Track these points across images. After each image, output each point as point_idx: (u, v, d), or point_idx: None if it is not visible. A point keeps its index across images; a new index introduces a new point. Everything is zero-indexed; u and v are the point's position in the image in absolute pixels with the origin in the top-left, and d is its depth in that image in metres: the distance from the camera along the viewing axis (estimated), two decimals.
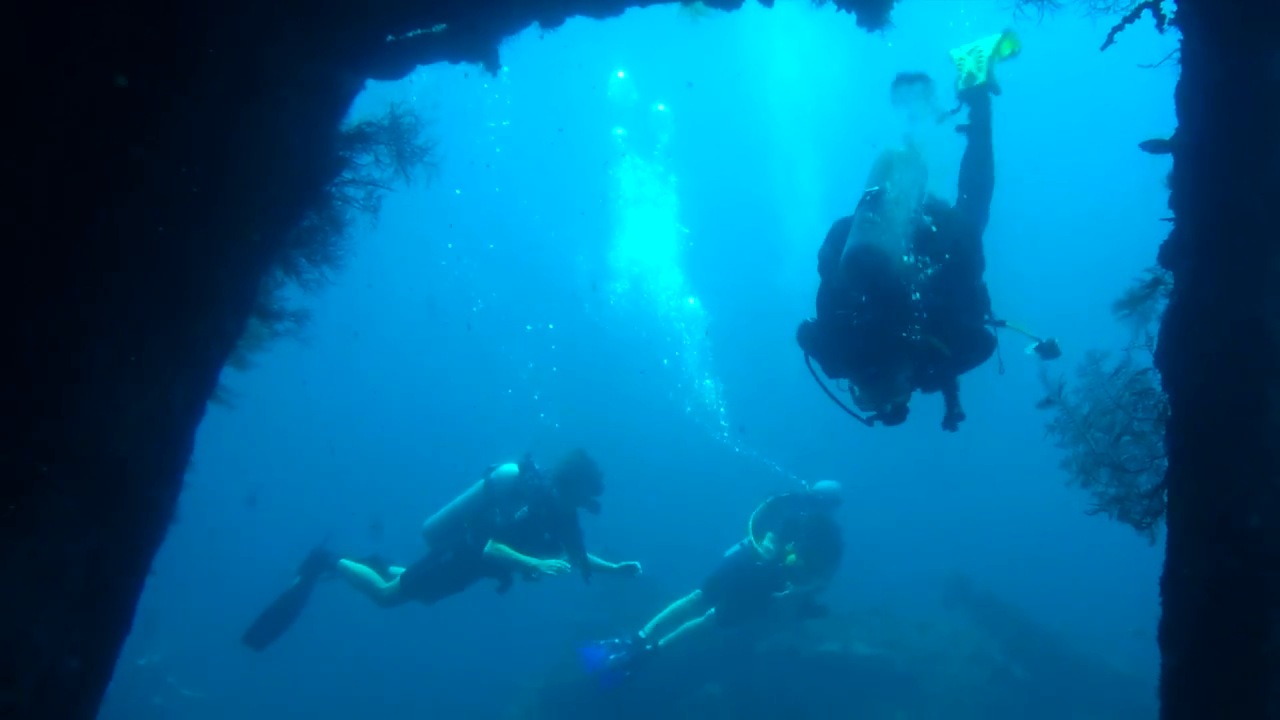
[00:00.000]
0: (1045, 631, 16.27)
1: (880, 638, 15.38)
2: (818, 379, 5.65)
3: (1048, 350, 5.67)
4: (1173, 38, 3.56)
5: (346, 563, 11.78)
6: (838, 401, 5.75)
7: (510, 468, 11.27)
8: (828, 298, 5.64)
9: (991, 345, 5.84)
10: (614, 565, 11.57)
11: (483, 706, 15.77)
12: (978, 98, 6.73)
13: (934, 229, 5.82)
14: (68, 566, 3.07)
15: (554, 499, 11.00)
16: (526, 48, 4.55)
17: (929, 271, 5.58)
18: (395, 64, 4.50)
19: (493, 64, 4.47)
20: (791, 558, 12.59)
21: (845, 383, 5.82)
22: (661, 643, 12.85)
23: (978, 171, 6.55)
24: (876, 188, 5.73)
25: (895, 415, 5.63)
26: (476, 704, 16.11)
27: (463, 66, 4.32)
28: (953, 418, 5.99)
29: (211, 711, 18.22)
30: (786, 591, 12.56)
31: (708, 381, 24.89)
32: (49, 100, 3.14)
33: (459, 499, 11.47)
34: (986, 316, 5.97)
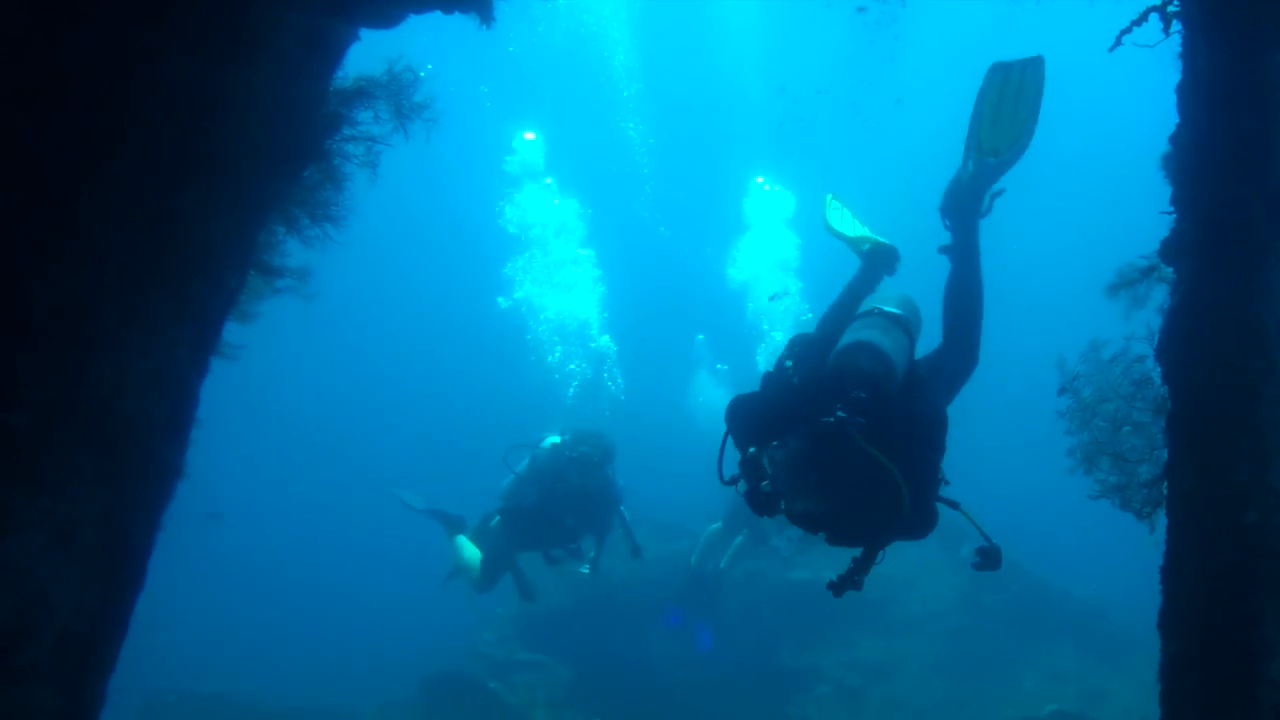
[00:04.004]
0: (1012, 561, 16.51)
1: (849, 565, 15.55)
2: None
3: (990, 557, 5.10)
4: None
5: (462, 539, 11.95)
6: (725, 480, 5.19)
7: (553, 439, 11.19)
8: (801, 402, 4.94)
9: (933, 523, 5.21)
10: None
11: (459, 633, 15.98)
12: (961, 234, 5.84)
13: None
14: (81, 525, 3.12)
15: (571, 478, 10.82)
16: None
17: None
18: (386, 11, 4.46)
19: (487, 15, 4.44)
20: None
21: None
22: (722, 564, 13.99)
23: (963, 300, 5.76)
24: (895, 310, 5.19)
25: (764, 504, 4.95)
26: (454, 631, 16.32)
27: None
28: (845, 583, 5.29)
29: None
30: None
31: None
32: (44, 60, 3.13)
33: (519, 468, 11.40)
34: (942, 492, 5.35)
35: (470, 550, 11.78)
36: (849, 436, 4.64)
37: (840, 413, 4.67)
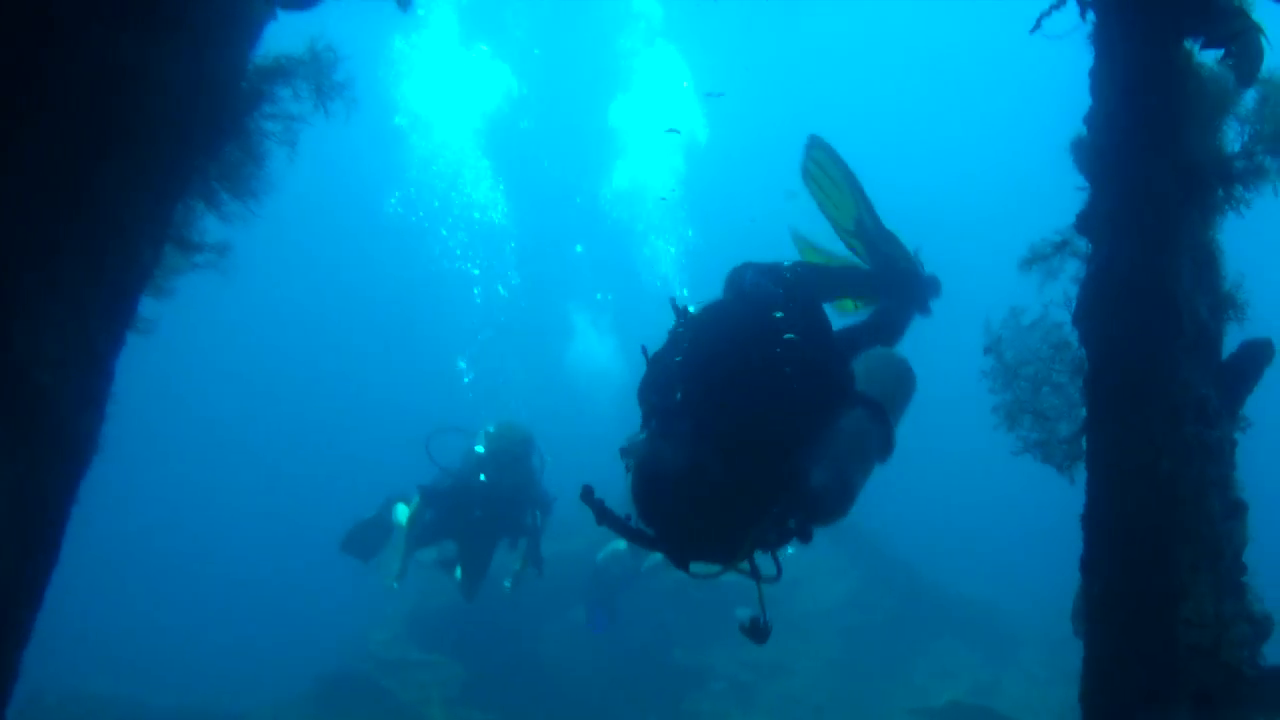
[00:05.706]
0: (901, 560, 16.96)
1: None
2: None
3: (757, 632, 3.98)
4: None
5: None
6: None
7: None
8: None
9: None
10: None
11: (352, 634, 15.81)
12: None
13: None
14: None
15: (488, 472, 10.35)
16: None
17: None
18: None
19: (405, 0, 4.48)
20: None
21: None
22: (644, 568, 13.36)
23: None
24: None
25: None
26: (347, 633, 16.14)
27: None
28: (608, 520, 3.98)
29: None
30: None
31: None
32: None
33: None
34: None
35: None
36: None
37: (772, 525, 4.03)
